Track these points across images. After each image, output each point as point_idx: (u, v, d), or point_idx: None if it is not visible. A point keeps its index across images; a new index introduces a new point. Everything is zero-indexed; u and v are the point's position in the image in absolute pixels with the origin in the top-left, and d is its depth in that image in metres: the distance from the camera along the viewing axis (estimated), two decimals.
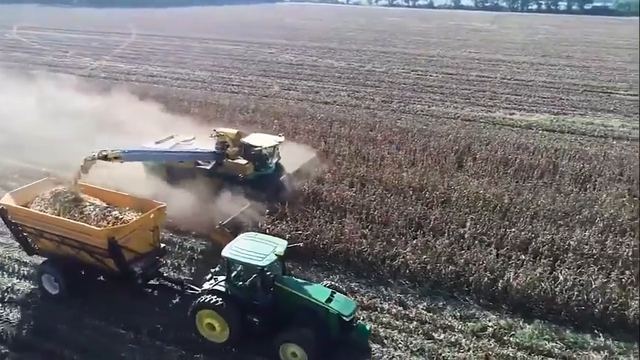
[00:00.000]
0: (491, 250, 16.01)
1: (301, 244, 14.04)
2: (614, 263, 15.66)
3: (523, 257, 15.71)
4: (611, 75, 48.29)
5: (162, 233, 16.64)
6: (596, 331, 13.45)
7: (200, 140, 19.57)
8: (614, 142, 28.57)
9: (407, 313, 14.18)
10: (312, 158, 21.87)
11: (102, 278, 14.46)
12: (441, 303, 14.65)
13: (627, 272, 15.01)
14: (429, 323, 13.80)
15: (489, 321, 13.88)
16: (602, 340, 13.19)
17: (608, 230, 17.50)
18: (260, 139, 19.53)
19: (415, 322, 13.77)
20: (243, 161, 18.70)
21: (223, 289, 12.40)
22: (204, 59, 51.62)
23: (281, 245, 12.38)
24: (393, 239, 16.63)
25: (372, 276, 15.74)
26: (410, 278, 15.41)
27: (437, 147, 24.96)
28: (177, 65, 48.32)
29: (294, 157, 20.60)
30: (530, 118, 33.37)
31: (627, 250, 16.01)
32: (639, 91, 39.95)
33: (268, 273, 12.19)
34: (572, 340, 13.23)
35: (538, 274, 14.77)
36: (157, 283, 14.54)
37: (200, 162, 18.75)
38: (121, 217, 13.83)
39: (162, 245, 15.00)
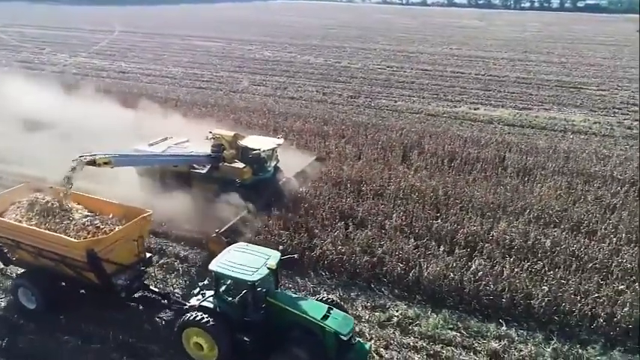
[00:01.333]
0: (411, 241, 16.02)
1: (296, 256, 13.08)
2: (533, 254, 15.70)
3: (442, 248, 15.72)
4: (587, 71, 48.40)
5: (154, 241, 16.15)
6: (501, 321, 13.48)
7: (194, 142, 18.79)
8: (572, 136, 28.67)
9: None
10: (312, 161, 21.30)
11: (84, 291, 13.57)
12: (355, 293, 14.65)
13: (540, 263, 15.04)
14: None
15: (397, 311, 13.89)
16: (505, 329, 13.21)
17: (534, 222, 17.54)
18: (258, 142, 18.69)
19: None
20: (240, 165, 17.80)
21: (212, 306, 11.53)
22: (181, 56, 51.70)
23: (274, 257, 11.40)
24: (316, 231, 16.66)
25: (293, 268, 15.73)
26: (329, 269, 15.44)
27: (386, 141, 24.95)
28: (153, 62, 48.38)
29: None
30: (493, 113, 33.39)
31: (547, 240, 16.03)
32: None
33: (260, 288, 11.19)
34: (475, 329, 13.25)
35: (451, 265, 14.80)
36: (143, 296, 13.47)
37: (195, 166, 17.97)
38: (102, 227, 12.85)
39: (149, 255, 14.04)
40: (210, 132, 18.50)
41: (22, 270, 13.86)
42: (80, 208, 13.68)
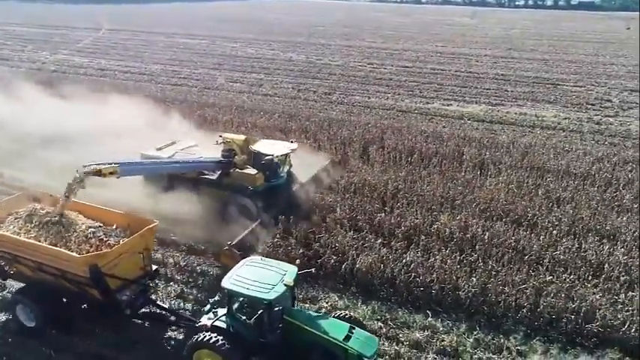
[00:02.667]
0: (349, 234, 16.07)
1: (313, 270, 12.32)
2: (471, 246, 15.73)
3: (379, 241, 15.77)
4: (567, 68, 48.28)
5: (161, 251, 15.53)
6: (428, 312, 13.54)
7: (203, 147, 18.18)
8: (539, 132, 28.67)
9: None
10: (326, 164, 20.69)
11: (85, 307, 12.74)
12: None
13: (475, 255, 15.09)
14: None
15: (327, 302, 13.97)
16: (431, 319, 13.29)
17: (479, 215, 17.58)
18: (271, 147, 17.94)
19: None
20: (252, 171, 17.03)
21: (224, 325, 10.72)
22: (162, 53, 51.75)
23: (290, 272, 10.64)
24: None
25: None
26: None
27: (347, 136, 25.00)
28: (133, 59, 48.41)
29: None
30: (464, 109, 33.41)
31: (486, 233, 16.06)
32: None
33: (277, 308, 10.38)
34: (402, 320, 13.35)
35: (385, 257, 14.85)
36: (149, 312, 12.70)
37: (204, 171, 17.30)
38: (105, 239, 12.09)
39: (155, 267, 13.14)
40: (220, 136, 17.71)
41: (21, 285, 13.08)
42: (82, 218, 12.88)
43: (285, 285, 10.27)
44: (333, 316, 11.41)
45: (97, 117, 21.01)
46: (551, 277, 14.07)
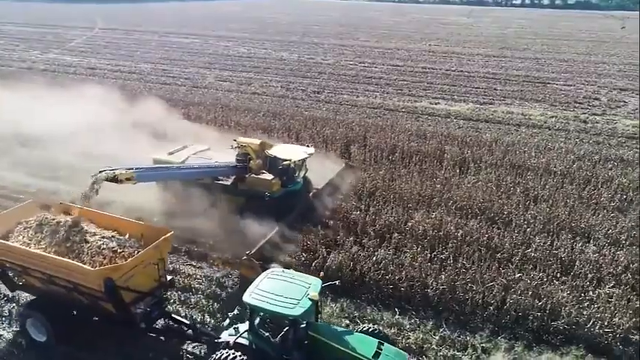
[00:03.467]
0: (320, 232, 16.04)
1: (338, 282, 11.59)
2: (444, 244, 15.69)
3: (351, 238, 15.74)
4: (559, 66, 48.20)
5: (175, 260, 15.23)
6: (396, 309, 13.52)
7: (215, 151, 17.97)
8: (524, 130, 28.63)
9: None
10: (341, 169, 20.36)
11: (97, 319, 12.33)
12: None
13: (446, 252, 15.07)
14: None
15: None
16: (398, 317, 13.27)
17: (455, 213, 17.55)
18: (287, 151, 17.52)
19: None
20: (268, 176, 16.63)
21: (247, 342, 10.17)
22: (154, 52, 51.75)
23: (314, 286, 10.09)
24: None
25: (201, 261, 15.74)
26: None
27: (329, 135, 24.98)
28: (124, 58, 48.42)
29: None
30: (452, 108, 33.38)
31: (459, 231, 16.04)
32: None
33: (302, 324, 9.90)
34: (370, 317, 13.31)
35: (356, 255, 14.81)
36: (165, 325, 12.21)
37: (218, 176, 16.88)
38: (119, 250, 11.58)
39: (169, 277, 12.62)
40: (235, 140, 17.36)
41: (31, 297, 12.71)
42: (94, 228, 12.35)
43: (311, 299, 9.73)
44: (360, 331, 10.97)
45: (67, 115, 20.90)
46: (520, 274, 14.04)
